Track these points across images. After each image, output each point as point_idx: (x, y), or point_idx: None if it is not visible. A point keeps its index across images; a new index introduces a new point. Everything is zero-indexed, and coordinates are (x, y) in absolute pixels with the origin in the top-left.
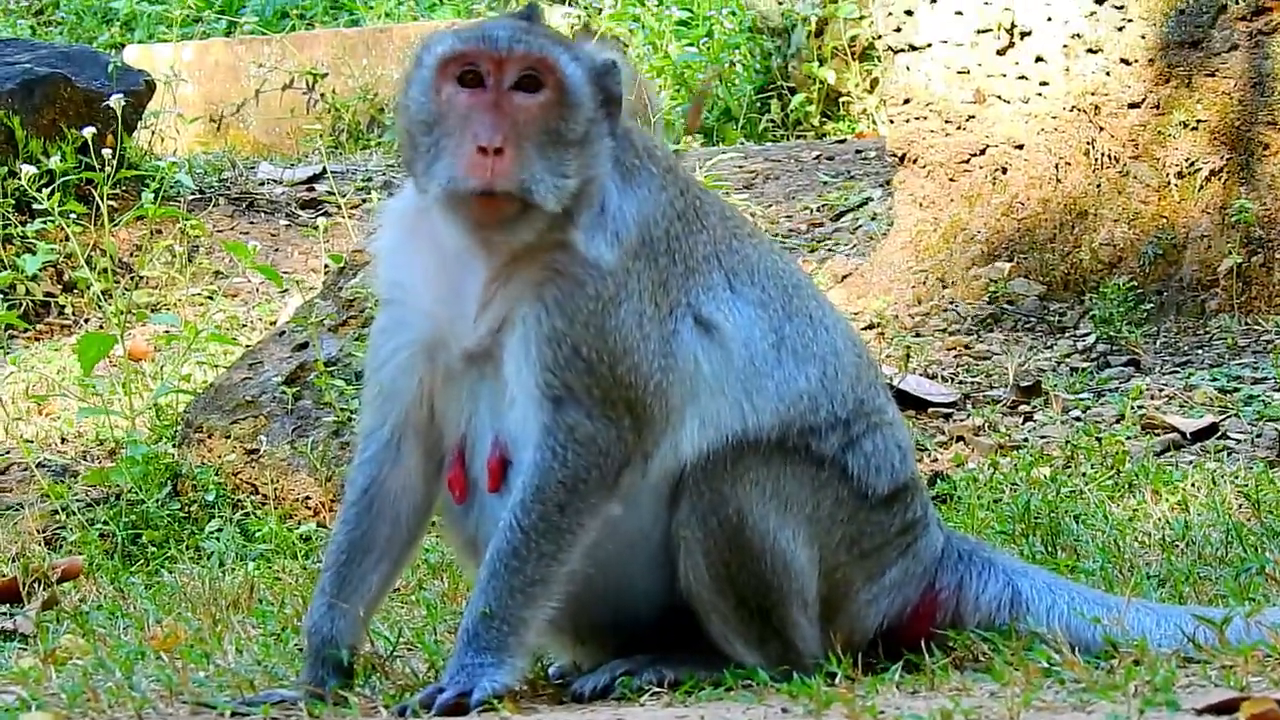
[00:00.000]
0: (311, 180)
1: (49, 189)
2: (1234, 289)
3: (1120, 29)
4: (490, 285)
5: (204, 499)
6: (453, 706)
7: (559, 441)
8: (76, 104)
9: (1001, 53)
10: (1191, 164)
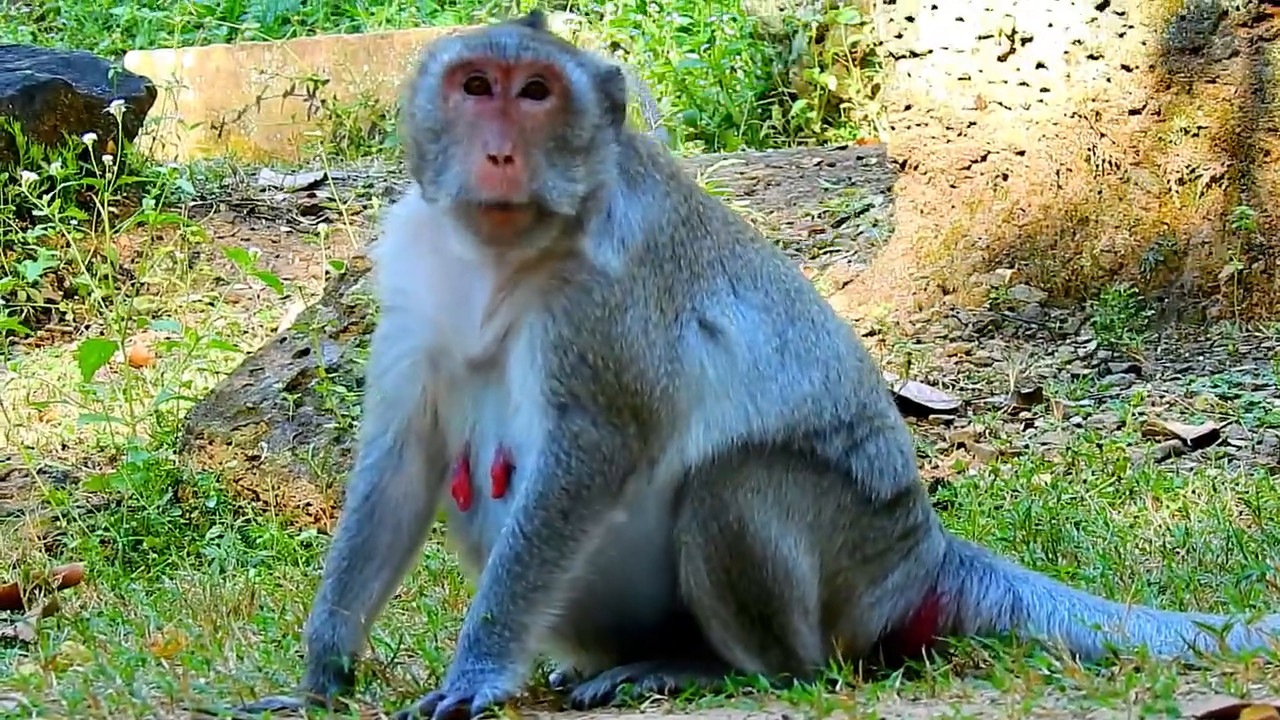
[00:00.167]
0: (312, 186)
1: (50, 195)
2: (1235, 295)
3: (1121, 35)
4: (498, 294)
5: (205, 505)
6: (454, 713)
7: (563, 448)
8: (77, 110)
9: (1003, 59)
10: (1192, 170)
